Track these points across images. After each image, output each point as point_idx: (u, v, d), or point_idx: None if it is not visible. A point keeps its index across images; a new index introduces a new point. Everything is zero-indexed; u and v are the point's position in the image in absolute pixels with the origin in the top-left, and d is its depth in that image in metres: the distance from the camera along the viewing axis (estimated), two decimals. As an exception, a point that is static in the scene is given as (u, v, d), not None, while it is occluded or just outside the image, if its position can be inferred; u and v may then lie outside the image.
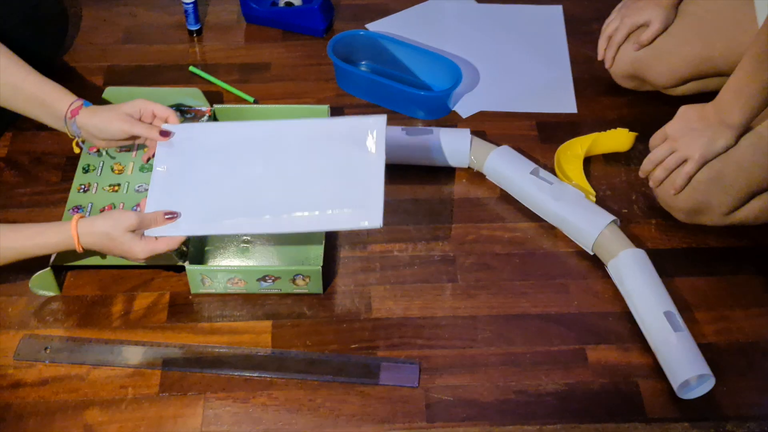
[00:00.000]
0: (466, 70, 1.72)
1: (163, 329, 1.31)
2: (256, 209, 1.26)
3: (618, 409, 1.24)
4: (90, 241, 1.21)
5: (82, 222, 1.21)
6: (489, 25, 1.84)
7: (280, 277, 1.32)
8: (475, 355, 1.29)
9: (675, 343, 1.24)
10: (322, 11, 1.76)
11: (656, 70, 1.58)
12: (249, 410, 1.22)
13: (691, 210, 1.40)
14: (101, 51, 1.75)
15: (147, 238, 1.23)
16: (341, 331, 1.31)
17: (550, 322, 1.33)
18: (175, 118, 1.35)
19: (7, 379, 1.25)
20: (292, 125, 1.36)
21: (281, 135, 1.34)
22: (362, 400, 1.24)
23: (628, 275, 1.33)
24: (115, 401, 1.23)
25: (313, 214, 1.25)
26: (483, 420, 1.22)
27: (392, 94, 1.62)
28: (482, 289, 1.37)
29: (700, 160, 1.34)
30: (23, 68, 1.34)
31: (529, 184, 1.45)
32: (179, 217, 1.25)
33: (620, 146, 1.57)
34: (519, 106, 1.66)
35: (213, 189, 1.29)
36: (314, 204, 1.26)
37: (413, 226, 1.46)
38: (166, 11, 1.84)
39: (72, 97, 1.34)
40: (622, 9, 1.61)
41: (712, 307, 1.36)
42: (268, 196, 1.28)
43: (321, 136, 1.33)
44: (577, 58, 1.76)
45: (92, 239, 1.21)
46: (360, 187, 1.27)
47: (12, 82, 1.32)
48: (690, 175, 1.36)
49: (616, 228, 1.39)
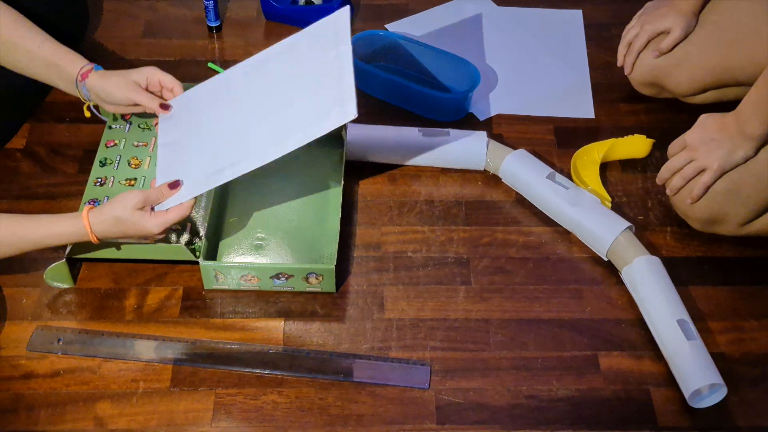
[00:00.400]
0: (485, 72, 1.71)
1: (175, 324, 1.31)
2: (247, 149, 1.28)
3: (629, 417, 1.23)
4: (103, 229, 1.22)
5: (92, 212, 1.22)
6: (508, 28, 1.83)
7: (294, 275, 1.32)
8: (487, 358, 1.29)
9: (688, 351, 1.23)
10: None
11: (675, 78, 1.57)
12: (259, 407, 1.22)
13: (707, 220, 1.39)
14: (121, 44, 1.76)
15: (157, 212, 1.23)
16: (353, 331, 1.31)
17: (563, 328, 1.33)
18: (180, 89, 1.38)
19: (19, 369, 1.25)
20: (266, 54, 1.37)
21: (260, 67, 1.36)
22: (372, 401, 1.24)
23: (642, 282, 1.32)
24: (126, 395, 1.23)
25: (296, 132, 1.25)
26: (493, 424, 1.22)
27: (410, 95, 1.62)
28: (496, 292, 1.37)
29: (718, 170, 1.33)
30: (40, 35, 1.37)
31: (545, 188, 1.44)
32: (183, 184, 1.26)
33: (637, 153, 1.56)
34: (536, 109, 1.66)
35: (209, 145, 1.31)
36: (296, 121, 1.27)
37: (428, 227, 1.45)
38: (187, 7, 1.84)
39: (84, 61, 1.38)
40: (642, 15, 1.60)
41: (726, 316, 1.35)
42: (257, 132, 1.29)
43: (292, 53, 1.35)
44: (596, 63, 1.75)
45: (104, 226, 1.22)
46: (333, 86, 1.26)
47: (29, 48, 1.35)
48: (708, 186, 1.35)
49: (631, 235, 1.38)
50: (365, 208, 1.48)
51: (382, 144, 1.52)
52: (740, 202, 1.35)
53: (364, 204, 1.49)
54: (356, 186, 1.51)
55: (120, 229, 1.23)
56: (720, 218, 1.38)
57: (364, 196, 1.50)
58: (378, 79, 1.65)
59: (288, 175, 1.48)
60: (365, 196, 1.50)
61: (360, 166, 1.54)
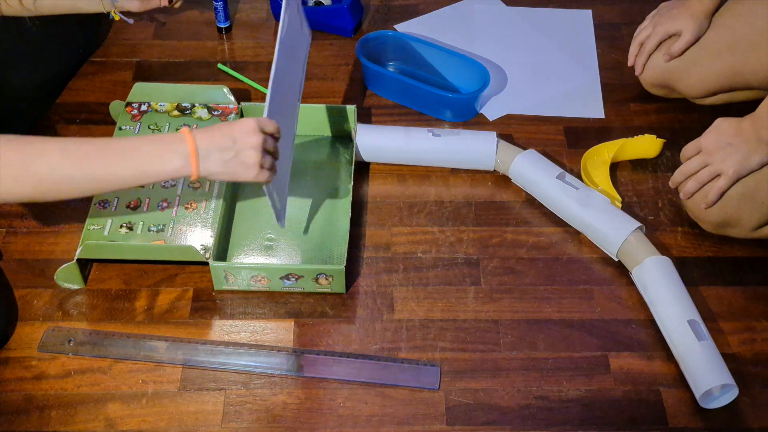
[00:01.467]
0: (494, 72, 1.71)
1: (186, 325, 1.31)
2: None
3: (640, 418, 1.23)
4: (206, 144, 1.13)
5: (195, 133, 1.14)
6: (518, 28, 1.83)
7: (304, 276, 1.32)
8: (497, 359, 1.29)
9: (699, 352, 1.23)
10: (351, 11, 1.76)
11: (686, 81, 1.57)
12: (269, 408, 1.23)
13: (719, 223, 1.39)
14: (131, 46, 1.76)
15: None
16: (363, 332, 1.31)
17: (573, 328, 1.33)
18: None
19: (30, 370, 1.26)
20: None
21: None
22: (382, 401, 1.24)
23: (653, 283, 1.32)
24: (136, 396, 1.23)
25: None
26: (503, 425, 1.22)
27: (420, 95, 1.62)
28: (506, 293, 1.37)
29: (734, 176, 1.33)
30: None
31: (555, 188, 1.44)
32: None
33: (648, 153, 1.56)
34: (546, 110, 1.66)
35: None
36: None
37: (437, 227, 1.45)
38: (197, 8, 1.85)
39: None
40: (655, 16, 1.60)
41: (738, 317, 1.35)
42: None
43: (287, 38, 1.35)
44: (606, 63, 1.75)
45: (207, 141, 1.13)
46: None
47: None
48: (723, 191, 1.34)
49: (641, 235, 1.38)
50: (375, 209, 1.48)
51: (391, 144, 1.52)
52: (755, 206, 1.34)
53: (373, 205, 1.49)
54: (366, 187, 1.51)
55: (223, 141, 1.14)
56: (733, 222, 1.37)
57: (374, 197, 1.50)
58: (388, 80, 1.65)
59: (297, 176, 1.48)
60: (375, 197, 1.50)
61: (370, 166, 1.54)
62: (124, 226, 1.37)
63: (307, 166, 1.51)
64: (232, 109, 1.54)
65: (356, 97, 1.67)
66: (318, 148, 1.55)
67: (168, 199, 1.41)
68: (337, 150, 1.54)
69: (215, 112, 1.53)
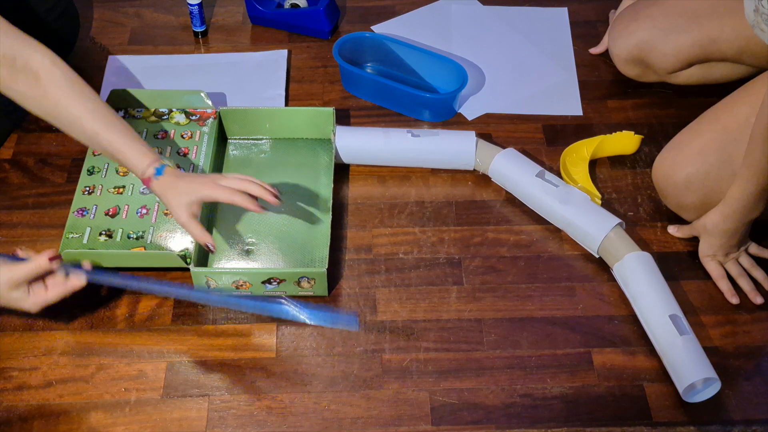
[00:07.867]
0: (472, 72, 1.71)
1: (167, 331, 1.31)
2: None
3: (624, 413, 1.23)
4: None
5: None
6: (495, 28, 1.83)
7: (285, 280, 1.31)
8: (481, 358, 1.29)
9: (681, 346, 1.24)
10: (327, 13, 1.75)
11: (661, 49, 1.56)
12: (254, 413, 1.22)
13: (701, 203, 1.38)
14: (108, 53, 1.75)
15: (36, 290, 1.21)
16: (346, 334, 1.31)
17: (555, 326, 1.33)
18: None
19: (11, 381, 1.25)
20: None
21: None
22: (367, 403, 1.23)
23: (634, 278, 1.32)
24: (119, 404, 1.23)
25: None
26: (488, 423, 1.22)
27: (398, 96, 1.62)
28: (488, 291, 1.37)
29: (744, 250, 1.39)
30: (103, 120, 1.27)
31: (535, 186, 1.44)
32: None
33: (626, 149, 1.56)
34: (525, 108, 1.66)
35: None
36: None
37: (419, 228, 1.45)
38: (172, 13, 1.84)
39: (144, 160, 1.26)
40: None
41: (719, 310, 1.35)
42: None
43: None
44: (583, 60, 1.76)
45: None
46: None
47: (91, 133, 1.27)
48: (754, 264, 1.39)
49: (621, 231, 1.38)
50: (356, 211, 1.48)
51: (371, 146, 1.51)
52: (734, 172, 1.34)
53: (354, 207, 1.48)
54: (346, 189, 1.51)
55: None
56: (715, 196, 1.37)
57: (355, 199, 1.49)
58: (365, 81, 1.65)
59: (277, 179, 1.48)
60: (355, 199, 1.50)
61: (349, 168, 1.54)
62: (103, 234, 1.36)
63: (287, 170, 1.50)
64: (210, 113, 1.53)
65: (334, 99, 1.67)
66: (297, 151, 1.54)
67: (147, 206, 1.40)
68: (317, 152, 1.53)
69: (193, 117, 1.53)
